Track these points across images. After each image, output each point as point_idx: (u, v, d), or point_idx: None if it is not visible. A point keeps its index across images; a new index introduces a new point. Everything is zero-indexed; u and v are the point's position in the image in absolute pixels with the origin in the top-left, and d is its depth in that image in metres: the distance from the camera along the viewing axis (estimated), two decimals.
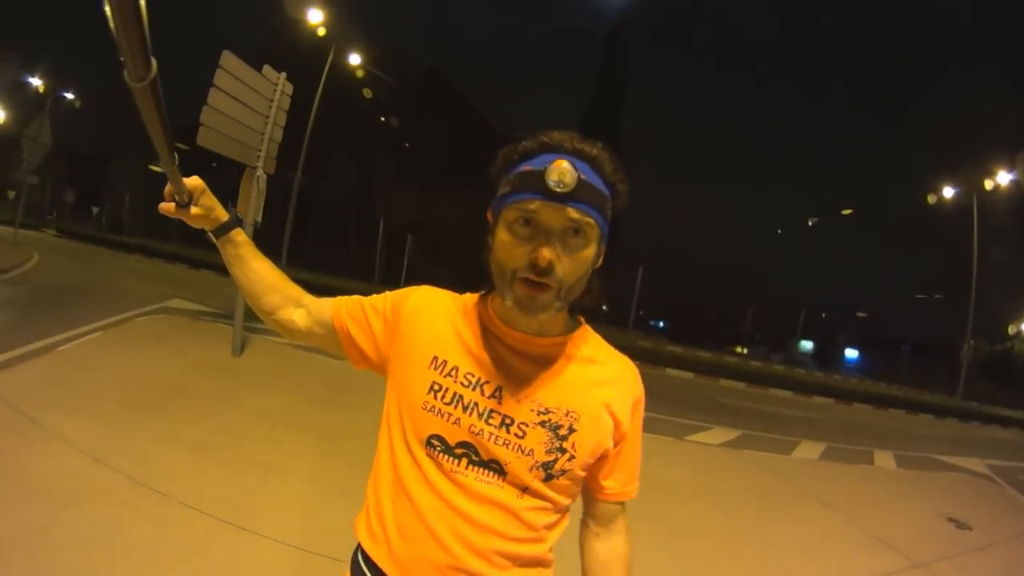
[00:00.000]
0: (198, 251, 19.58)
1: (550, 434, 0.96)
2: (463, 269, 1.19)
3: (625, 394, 1.05)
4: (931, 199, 23.91)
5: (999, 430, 16.64)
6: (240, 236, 1.17)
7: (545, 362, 1.01)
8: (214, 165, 6.73)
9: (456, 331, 1.04)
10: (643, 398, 1.09)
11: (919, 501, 5.83)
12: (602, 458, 1.04)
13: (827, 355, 53.28)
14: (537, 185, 0.88)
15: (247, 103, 6.16)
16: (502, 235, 0.94)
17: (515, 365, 1.00)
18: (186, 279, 14.05)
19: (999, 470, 8.50)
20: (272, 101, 6.56)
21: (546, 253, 0.88)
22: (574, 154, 0.92)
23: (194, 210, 1.10)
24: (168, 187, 1.05)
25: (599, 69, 56.56)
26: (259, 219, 6.48)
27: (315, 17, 16.93)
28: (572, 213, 0.89)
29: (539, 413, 0.97)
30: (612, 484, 1.08)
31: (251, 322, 6.72)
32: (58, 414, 3.77)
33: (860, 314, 55.78)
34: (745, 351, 45.79)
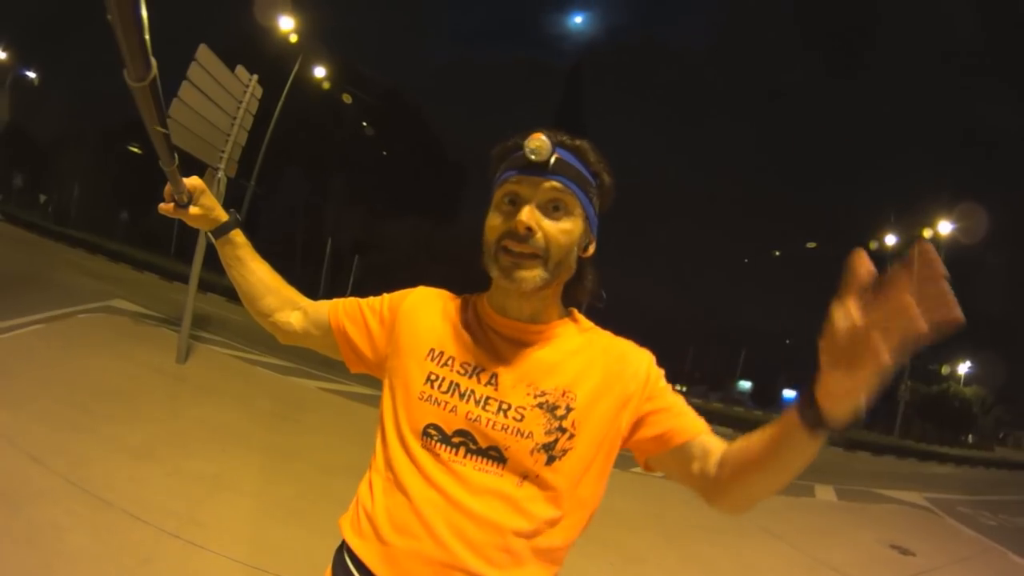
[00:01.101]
0: (143, 252, 18.90)
1: (548, 415, 0.96)
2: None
3: (629, 369, 1.02)
4: (872, 245, 24.99)
5: (936, 466, 17.33)
6: (239, 237, 1.17)
7: (539, 347, 1.02)
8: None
9: (453, 325, 1.06)
10: (653, 361, 1.05)
11: (862, 530, 6.00)
12: (646, 425, 1.01)
13: (766, 394, 54.65)
14: (518, 161, 0.95)
15: (216, 101, 5.97)
16: (490, 216, 0.99)
17: (509, 353, 1.01)
18: (129, 279, 13.53)
19: (937, 502, 8.84)
20: (241, 103, 6.40)
21: (522, 217, 0.92)
22: (558, 143, 0.95)
23: (193, 210, 1.10)
24: (168, 187, 1.06)
25: (558, 103, 57.33)
26: None
27: (285, 24, 16.79)
28: (552, 184, 0.94)
29: (535, 396, 0.97)
30: (687, 428, 1.00)
31: (196, 330, 6.50)
32: None
33: (787, 341, 57.26)
34: (684, 389, 46.65)
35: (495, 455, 0.94)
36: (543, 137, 0.92)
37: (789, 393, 56.88)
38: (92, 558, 2.43)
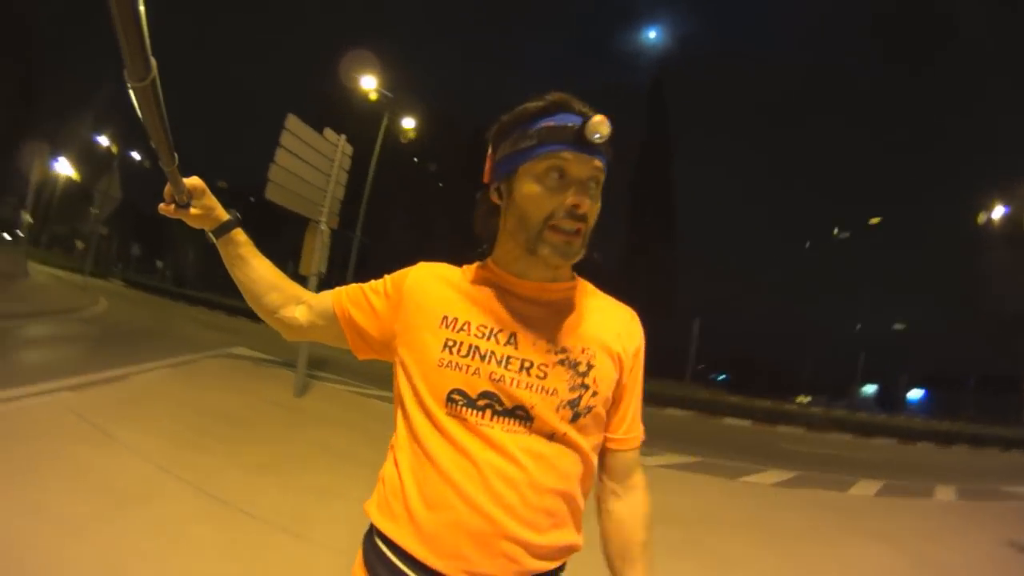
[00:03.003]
0: None
1: (571, 371, 0.97)
2: None
3: (630, 337, 1.06)
4: (980, 219, 23.10)
5: None
6: (240, 236, 1.16)
7: (556, 306, 1.03)
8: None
9: (462, 292, 1.04)
10: (643, 345, 1.10)
11: (981, 530, 5.63)
12: (621, 404, 1.06)
13: (891, 397, 50.91)
14: (568, 137, 0.93)
15: (310, 162, 6.75)
16: (529, 187, 0.96)
17: (527, 312, 1.01)
18: (248, 330, 14.65)
19: None
20: (333, 161, 7.13)
21: (586, 199, 0.94)
22: (585, 113, 0.96)
23: (194, 210, 1.10)
24: (168, 188, 1.06)
25: (645, 124, 56.91)
26: (323, 270, 6.98)
27: (368, 83, 17.73)
28: (597, 163, 0.96)
29: (557, 352, 0.97)
30: (623, 430, 1.08)
31: (314, 369, 7.09)
32: (127, 429, 4.17)
33: (897, 327, 52.23)
34: (808, 400, 44.19)
35: (522, 414, 0.94)
36: (607, 121, 0.92)
37: (915, 393, 52.85)
38: (210, 545, 2.82)
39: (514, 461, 0.91)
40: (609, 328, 1.04)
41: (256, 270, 1.17)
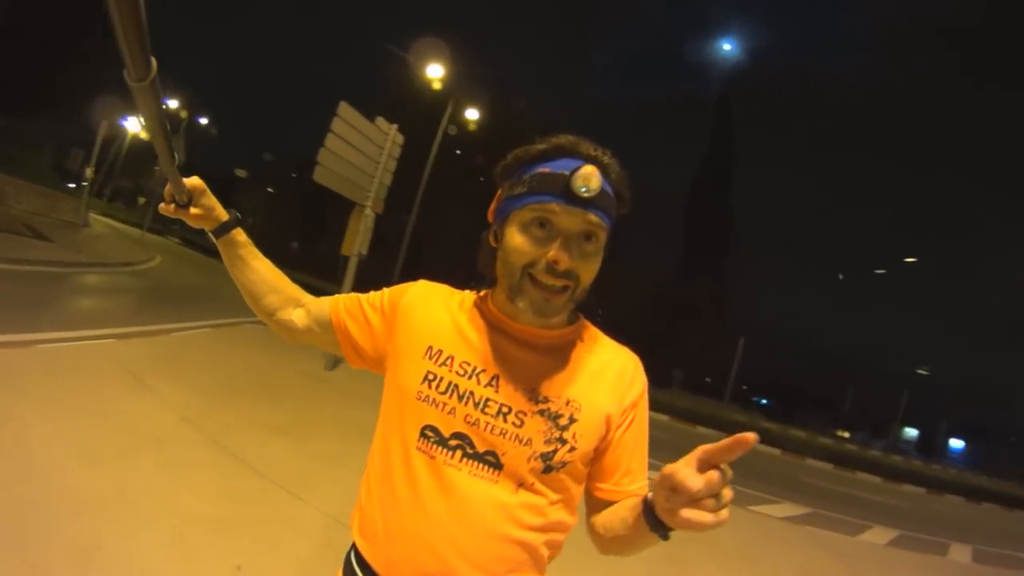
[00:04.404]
0: (310, 277, 20.87)
1: (549, 423, 0.92)
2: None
3: (628, 388, 1.00)
4: None
5: None
6: (240, 236, 1.15)
7: (546, 352, 0.98)
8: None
9: (454, 322, 1.02)
10: (647, 389, 1.04)
11: None
12: (611, 454, 1.00)
13: (931, 444, 49.13)
14: (557, 188, 0.88)
15: (360, 148, 7.04)
16: (514, 236, 0.92)
17: (515, 355, 0.97)
18: None
19: None
20: (383, 149, 7.40)
21: (567, 256, 0.88)
22: (590, 160, 0.91)
23: (194, 210, 1.09)
24: (168, 187, 1.05)
25: (709, 136, 55.76)
26: (364, 251, 7.28)
27: (435, 72, 17.93)
28: (591, 218, 0.89)
29: (538, 402, 0.93)
30: (613, 480, 1.00)
31: None
32: (160, 380, 4.54)
33: (920, 371, 49.73)
34: (847, 435, 42.99)
35: (492, 460, 0.91)
36: (596, 173, 0.87)
37: (956, 443, 50.83)
38: (210, 490, 3.10)
39: (475, 508, 0.90)
40: (602, 382, 0.99)
41: (256, 271, 1.16)
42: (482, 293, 1.06)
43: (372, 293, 1.14)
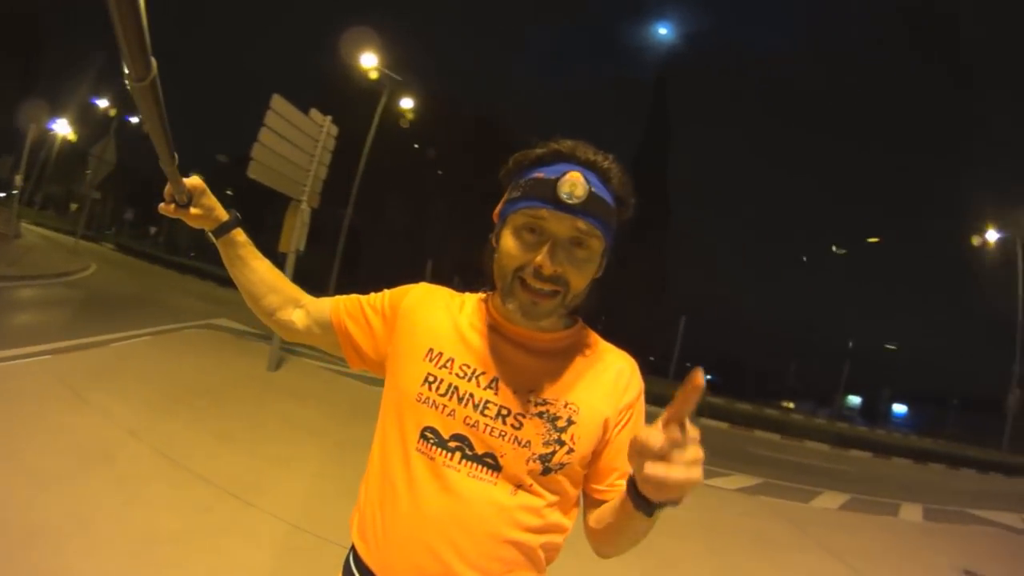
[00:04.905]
0: None
1: (548, 425, 0.93)
2: None
3: (625, 391, 1.02)
4: (975, 241, 22.97)
5: None
6: (240, 236, 1.16)
7: (545, 356, 1.00)
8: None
9: (454, 325, 1.03)
10: (643, 391, 1.06)
11: (937, 553, 5.60)
12: (607, 455, 1.00)
13: (875, 410, 51.26)
14: (547, 194, 0.89)
15: (294, 142, 6.79)
16: (507, 240, 0.94)
17: (514, 357, 0.98)
18: (235, 301, 14.45)
19: None
20: (318, 142, 7.17)
21: (550, 262, 0.89)
22: (586, 165, 0.92)
23: (193, 210, 1.09)
24: (168, 187, 1.05)
25: (645, 116, 56.78)
26: (301, 248, 7.04)
27: (369, 62, 17.57)
28: (580, 224, 0.89)
29: (536, 404, 0.94)
30: (608, 482, 1.01)
31: (293, 344, 7.17)
32: (102, 394, 4.36)
33: (889, 347, 52.27)
34: (792, 406, 44.41)
35: (491, 462, 0.92)
36: (581, 179, 0.88)
37: (899, 408, 53.20)
38: (164, 503, 3.03)
39: (473, 509, 0.90)
40: (600, 385, 1.00)
41: (255, 271, 1.17)
42: (484, 295, 1.08)
43: (373, 295, 1.15)
